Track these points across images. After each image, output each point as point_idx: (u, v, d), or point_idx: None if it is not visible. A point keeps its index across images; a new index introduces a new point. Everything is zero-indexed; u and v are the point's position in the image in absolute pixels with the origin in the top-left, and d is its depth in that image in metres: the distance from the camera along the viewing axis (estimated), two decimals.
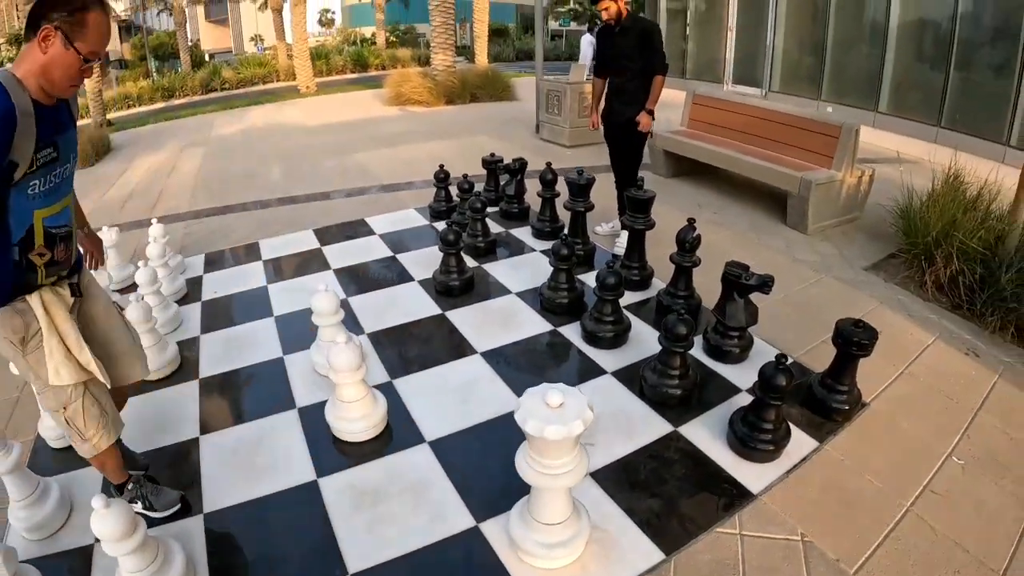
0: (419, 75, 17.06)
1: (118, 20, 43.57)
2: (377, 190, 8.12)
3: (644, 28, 5.38)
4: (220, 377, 4.04)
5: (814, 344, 4.14)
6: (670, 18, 19.37)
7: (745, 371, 3.75)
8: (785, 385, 2.94)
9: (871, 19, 13.26)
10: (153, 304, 4.39)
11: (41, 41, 2.19)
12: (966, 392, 3.81)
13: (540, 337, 4.20)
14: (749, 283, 3.61)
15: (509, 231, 5.96)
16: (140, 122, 20.54)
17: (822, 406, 3.42)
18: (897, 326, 4.53)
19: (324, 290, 3.71)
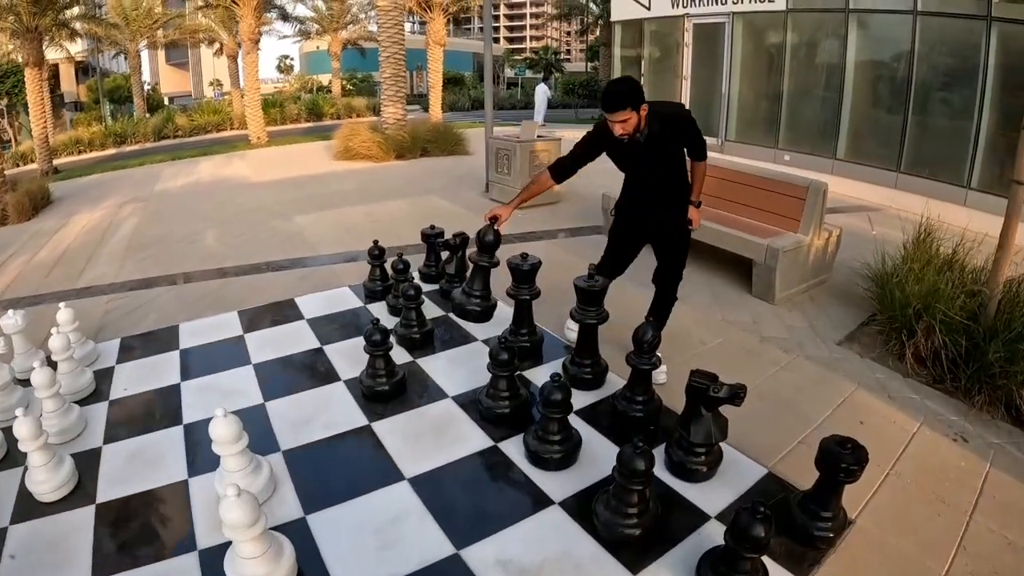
0: (369, 129, 16.63)
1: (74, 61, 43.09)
2: (313, 262, 7.62)
3: (677, 122, 4.31)
4: (118, 503, 3.40)
5: (790, 447, 3.75)
6: (624, 66, 19.49)
7: (714, 491, 3.26)
8: (764, 537, 2.46)
9: (827, 65, 13.39)
10: (51, 409, 3.85)
11: None
12: (958, 490, 3.47)
13: (478, 457, 3.62)
14: (718, 396, 3.12)
15: (449, 315, 5.36)
16: (87, 170, 20.16)
17: (803, 533, 2.93)
18: (878, 413, 4.17)
19: (222, 415, 3.13)
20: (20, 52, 22.14)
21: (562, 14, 45.67)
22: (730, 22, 15.30)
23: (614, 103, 3.94)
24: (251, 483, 3.20)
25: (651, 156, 4.30)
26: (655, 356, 3.70)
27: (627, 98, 3.92)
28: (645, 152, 4.26)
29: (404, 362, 4.53)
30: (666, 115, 4.23)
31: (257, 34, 24.52)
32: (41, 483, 3.41)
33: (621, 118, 3.96)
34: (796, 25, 13.86)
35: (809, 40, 13.82)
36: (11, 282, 8.19)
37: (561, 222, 8.95)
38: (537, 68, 49.31)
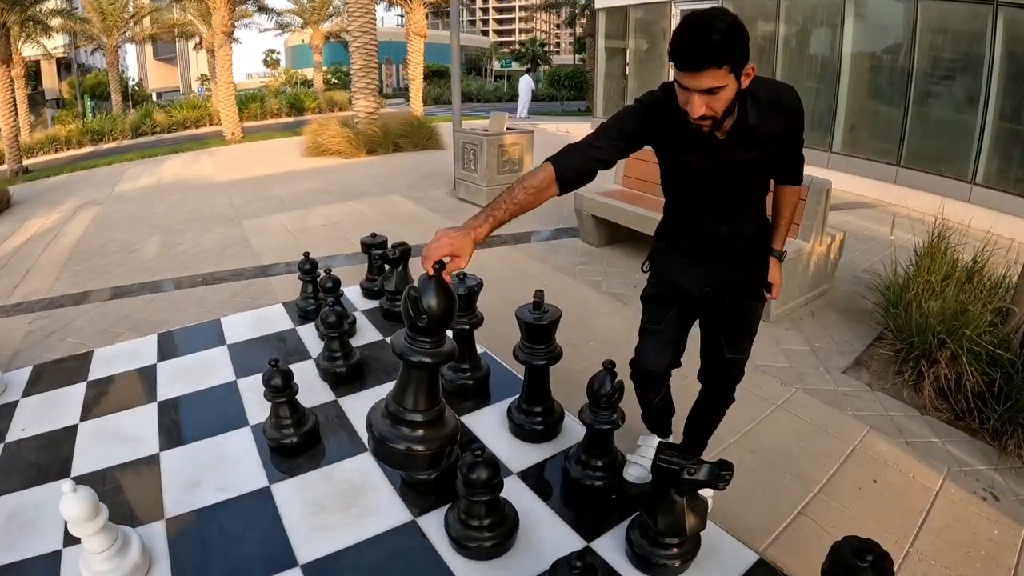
0: (339, 123, 16.14)
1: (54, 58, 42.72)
2: (251, 273, 7.00)
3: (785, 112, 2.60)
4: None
5: (788, 519, 3.06)
6: (608, 56, 19.13)
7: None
8: None
9: (821, 55, 12.99)
10: None
11: None
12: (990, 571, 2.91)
13: (392, 537, 2.83)
14: (695, 479, 2.34)
15: (387, 339, 4.56)
16: (57, 170, 19.83)
17: None
18: (894, 466, 3.55)
19: (71, 491, 2.42)
20: None
21: (548, 4, 45.35)
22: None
23: (702, 53, 2.21)
24: (117, 566, 2.53)
25: (732, 168, 2.64)
26: (617, 413, 2.91)
27: (725, 46, 2.20)
28: (724, 157, 2.61)
29: (324, 402, 3.80)
30: (769, 99, 2.54)
31: (230, 27, 24.02)
32: None
33: (708, 83, 2.25)
34: (789, 11, 13.35)
35: (803, 27, 13.37)
36: None
37: (530, 224, 8.15)
38: (524, 60, 48.84)
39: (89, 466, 3.39)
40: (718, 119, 2.38)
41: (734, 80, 2.27)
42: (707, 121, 2.36)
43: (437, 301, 2.17)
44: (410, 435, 2.48)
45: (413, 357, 2.29)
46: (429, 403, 2.47)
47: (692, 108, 2.31)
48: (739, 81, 2.30)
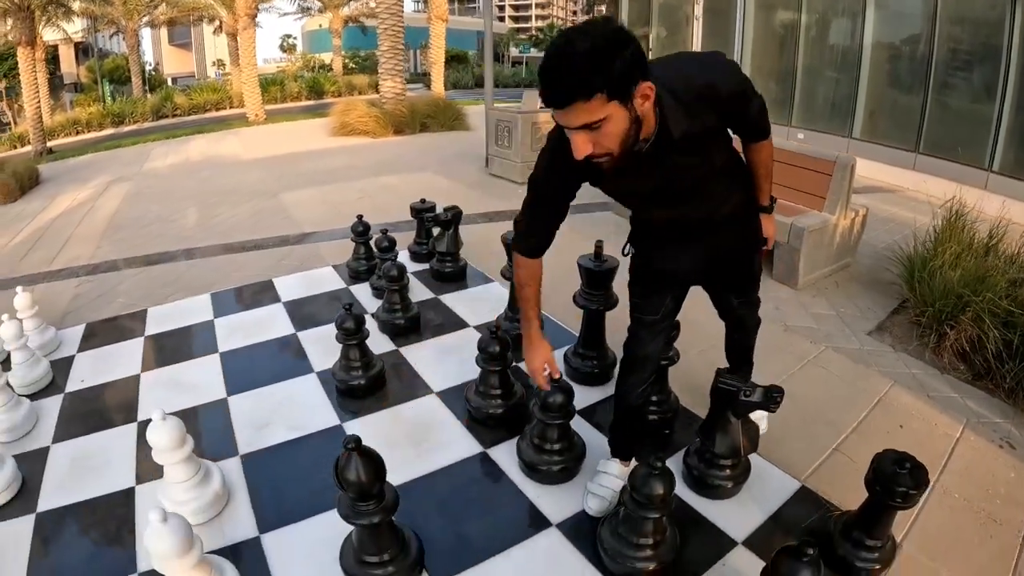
0: (366, 104, 16.21)
1: (73, 42, 42.84)
2: (296, 240, 7.12)
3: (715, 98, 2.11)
4: (60, 513, 2.96)
5: (824, 456, 3.21)
6: None
7: (741, 510, 2.75)
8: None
9: (842, 42, 12.96)
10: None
11: None
12: (1009, 507, 3.00)
13: (465, 466, 3.10)
14: (750, 400, 2.58)
15: (440, 297, 4.90)
16: (81, 151, 19.84)
17: (844, 564, 2.43)
18: (918, 416, 3.68)
19: (161, 419, 2.67)
20: (12, 32, 21.66)
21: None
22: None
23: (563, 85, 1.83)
24: (198, 496, 2.77)
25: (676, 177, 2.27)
26: (673, 351, 3.15)
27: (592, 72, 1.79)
28: (663, 172, 2.23)
29: (386, 351, 4.05)
30: (696, 94, 2.08)
31: (254, 10, 24.07)
32: None
33: (583, 119, 1.86)
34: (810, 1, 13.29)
35: (825, 14, 13.34)
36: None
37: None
38: (541, 46, 48.71)
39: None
40: (614, 154, 1.99)
41: (620, 108, 1.86)
42: (603, 159, 2.01)
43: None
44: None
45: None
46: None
47: (575, 149, 1.94)
48: (629, 107, 1.88)
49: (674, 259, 2.60)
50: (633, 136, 1.96)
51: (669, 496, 2.24)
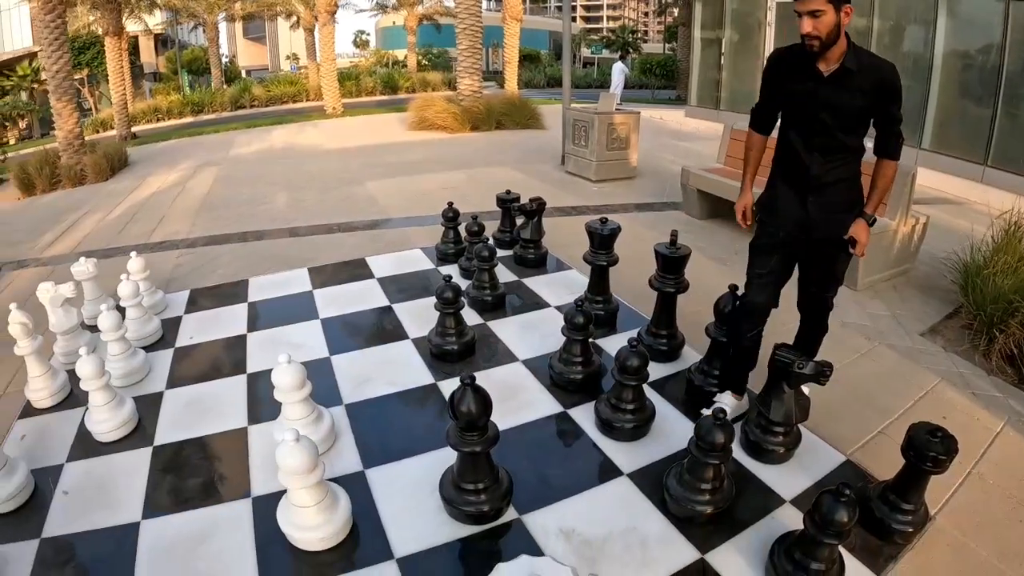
0: (444, 100, 16.71)
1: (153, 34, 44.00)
2: (384, 224, 7.60)
3: (886, 80, 3.07)
4: (176, 446, 3.43)
5: (870, 436, 3.51)
6: (704, 47, 19.09)
7: (790, 474, 3.09)
8: (847, 522, 2.31)
9: (914, 51, 12.80)
10: (116, 352, 3.92)
11: None
12: None
13: (547, 423, 3.52)
14: (802, 372, 2.94)
15: (522, 280, 5.32)
16: (164, 136, 20.61)
17: (881, 526, 2.76)
18: (961, 409, 3.90)
19: (286, 362, 3.10)
20: (100, 23, 22.55)
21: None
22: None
23: None
24: (312, 432, 3.16)
25: (840, 109, 3.07)
26: None
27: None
28: (832, 95, 3.06)
29: (474, 324, 4.44)
30: (870, 58, 3.09)
31: (334, 6, 24.69)
32: (100, 423, 3.49)
33: (812, 6, 2.89)
34: (883, 7, 13.29)
35: (896, 24, 13.25)
36: (85, 236, 8.41)
37: (636, 197, 8.76)
38: (614, 48, 48.63)
39: (265, 365, 4.17)
40: (822, 39, 2.91)
41: (833, 10, 2.86)
42: (815, 41, 2.92)
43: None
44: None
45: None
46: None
47: (802, 26, 2.93)
48: (838, 14, 2.88)
49: (785, 209, 3.30)
50: (833, 35, 2.93)
51: (728, 444, 2.63)
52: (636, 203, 8.27)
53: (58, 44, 13.90)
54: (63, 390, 3.96)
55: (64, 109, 13.95)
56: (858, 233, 3.18)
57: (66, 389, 3.97)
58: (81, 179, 13.20)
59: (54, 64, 13.94)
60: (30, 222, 9.93)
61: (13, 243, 8.53)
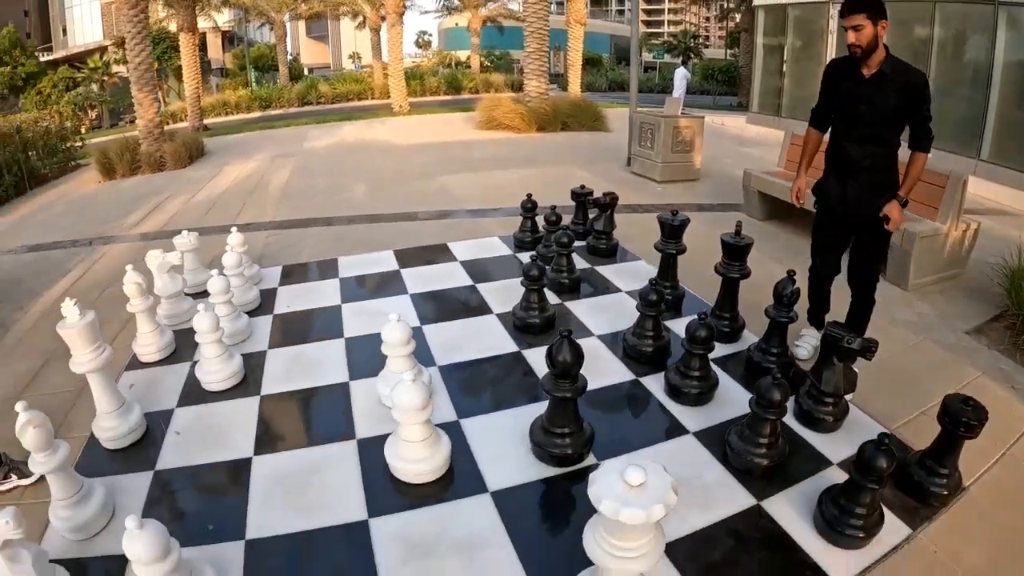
0: (511, 101, 17.16)
1: (221, 31, 45.04)
2: (460, 214, 8.08)
3: (910, 82, 3.77)
4: (281, 396, 3.94)
5: (911, 416, 3.84)
6: (766, 53, 19.06)
7: (837, 442, 3.46)
8: (886, 468, 2.67)
9: (974, 61, 12.67)
10: (223, 314, 4.38)
11: None
12: None
13: (620, 387, 3.96)
14: (851, 347, 3.33)
15: (595, 268, 5.76)
16: (235, 129, 21.41)
17: (919, 489, 3.10)
18: (1000, 399, 4.15)
19: (396, 320, 3.58)
20: (174, 19, 23.37)
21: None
22: None
23: (851, 3, 3.69)
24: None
25: (875, 106, 3.81)
26: (793, 312, 3.93)
27: (866, 3, 3.65)
28: (870, 95, 3.81)
29: (553, 304, 4.86)
30: (903, 66, 3.80)
31: (401, 8, 25.28)
32: (211, 373, 4.01)
33: (855, 22, 3.65)
34: (943, 17, 13.34)
35: (955, 33, 13.32)
36: (172, 217, 9.09)
37: (698, 197, 9.10)
38: (675, 52, 48.61)
39: (362, 331, 4.71)
40: (863, 48, 3.69)
41: (871, 24, 3.63)
42: (857, 49, 3.71)
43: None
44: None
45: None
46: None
47: (847, 37, 3.73)
48: (876, 27, 3.65)
49: (833, 189, 4.14)
50: (872, 44, 3.69)
51: (784, 402, 3.05)
52: (698, 203, 8.60)
53: (140, 38, 14.61)
54: (169, 347, 4.50)
55: (145, 99, 14.65)
56: (890, 210, 3.87)
57: (172, 346, 4.51)
58: (160, 166, 13.97)
59: (136, 56, 14.66)
60: (115, 203, 10.70)
61: (102, 221, 9.27)
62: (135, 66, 14.71)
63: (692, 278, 5.23)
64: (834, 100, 4.09)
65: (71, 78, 39.11)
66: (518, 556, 2.71)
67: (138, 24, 14.57)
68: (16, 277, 7.02)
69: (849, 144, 4.00)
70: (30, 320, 5.73)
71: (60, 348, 4.74)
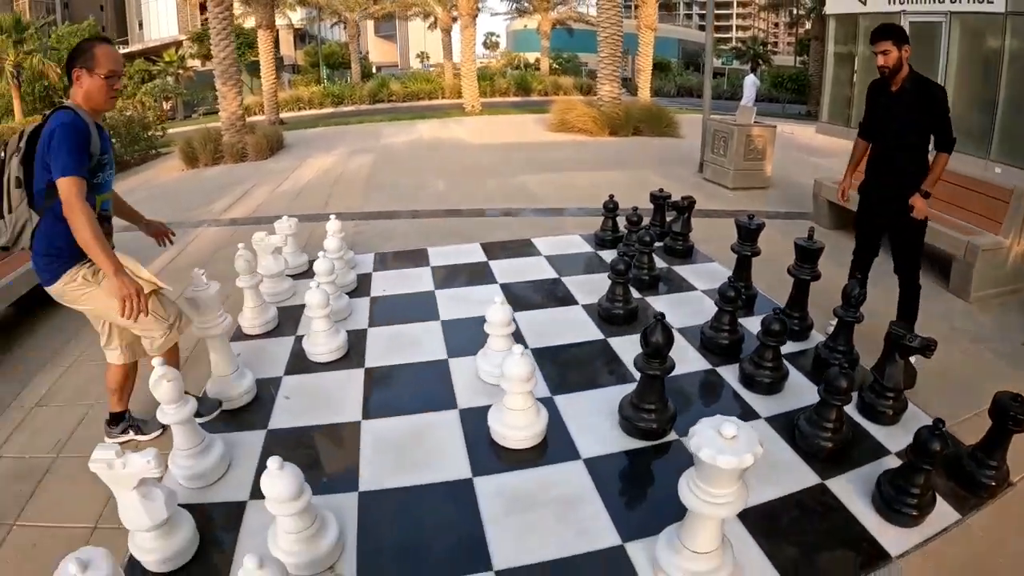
0: (584, 104, 17.49)
1: (293, 29, 45.97)
2: (539, 213, 8.56)
3: (928, 94, 4.61)
4: (385, 369, 4.38)
5: (966, 417, 4.12)
6: (837, 63, 19.03)
7: (896, 435, 3.73)
8: (939, 450, 2.96)
9: None
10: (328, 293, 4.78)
11: (76, 80, 3.42)
12: None
13: (698, 374, 4.33)
14: (911, 345, 3.64)
15: (672, 267, 6.11)
16: (309, 124, 22.13)
17: (970, 479, 3.38)
18: None
19: (500, 302, 4.02)
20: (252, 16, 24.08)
21: (772, 4, 44.18)
22: (947, 22, 14.75)
23: (879, 32, 4.61)
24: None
25: (901, 116, 4.71)
26: (860, 312, 4.26)
27: (892, 32, 4.58)
28: (897, 107, 4.72)
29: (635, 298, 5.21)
30: (923, 81, 4.69)
31: (475, 10, 25.72)
32: (319, 345, 4.47)
33: (883, 47, 4.55)
34: (1016, 29, 13.29)
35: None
36: (260, 204, 9.74)
37: (769, 205, 9.34)
38: (744, 59, 48.31)
39: (456, 316, 5.17)
40: (890, 68, 4.58)
41: (897, 49, 4.53)
42: (884, 69, 4.61)
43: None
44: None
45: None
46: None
47: (878, 60, 4.61)
48: (900, 51, 4.54)
49: (870, 187, 5.06)
50: (897, 65, 4.58)
51: (849, 390, 3.39)
52: (768, 211, 8.86)
53: (225, 34, 15.37)
54: (272, 321, 5.01)
55: (229, 92, 15.39)
56: (914, 201, 4.71)
57: (275, 321, 5.03)
58: (242, 156, 14.74)
59: (221, 51, 15.42)
60: (201, 190, 11.43)
61: (190, 207, 9.94)
62: (219, 61, 15.45)
63: (762, 280, 5.56)
64: (872, 114, 5.00)
65: (147, 71, 40.43)
66: (609, 513, 3.08)
67: (223, 21, 15.34)
68: None
69: (884, 149, 4.94)
70: None
71: None
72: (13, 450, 4.19)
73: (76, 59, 3.40)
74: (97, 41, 3.47)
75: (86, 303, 3.58)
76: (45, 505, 3.67)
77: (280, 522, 2.68)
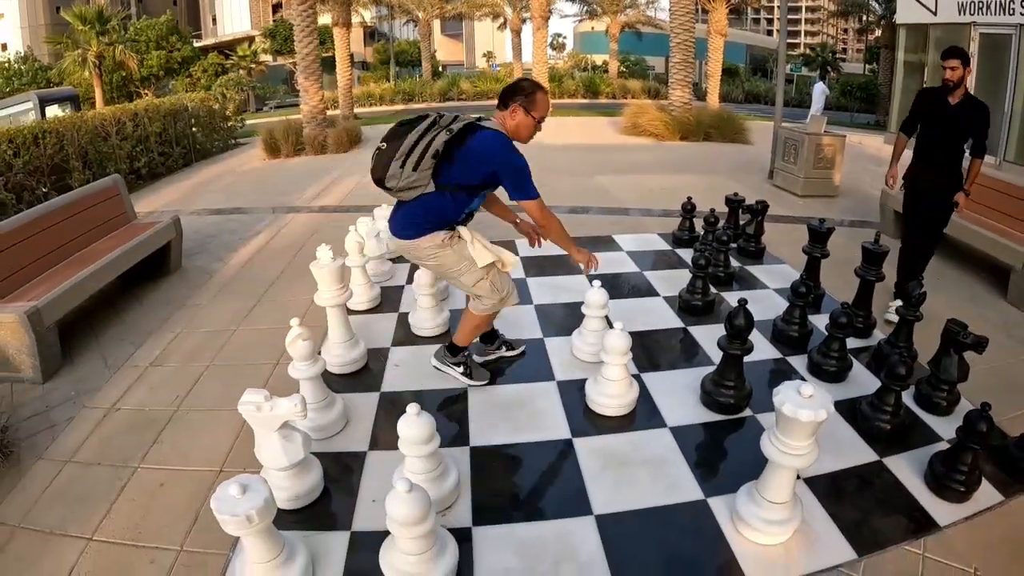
0: (656, 108, 17.76)
1: (364, 26, 46.66)
2: (618, 212, 8.98)
3: (980, 110, 5.43)
4: None
5: (1015, 414, 4.36)
6: (907, 71, 18.80)
7: (949, 425, 4.00)
8: (986, 431, 3.31)
9: None
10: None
11: (511, 113, 3.87)
12: None
13: (769, 362, 4.79)
14: (965, 341, 4.00)
15: (744, 266, 6.55)
16: (382, 119, 22.53)
17: (1014, 467, 3.71)
18: None
19: (598, 286, 4.60)
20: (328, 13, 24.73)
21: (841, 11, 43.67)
22: (1018, 34, 14.58)
23: (950, 51, 5.33)
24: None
25: (954, 123, 5.42)
26: (920, 312, 4.63)
27: (960, 53, 5.30)
28: (955, 118, 5.40)
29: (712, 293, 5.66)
30: (976, 100, 5.48)
31: (547, 12, 26.08)
32: (424, 320, 5.07)
33: (953, 64, 5.27)
34: None
35: None
36: (348, 193, 10.44)
37: (837, 213, 9.49)
38: (813, 66, 47.69)
39: (548, 300, 5.73)
40: (954, 83, 5.29)
41: (963, 67, 5.26)
42: (950, 82, 5.30)
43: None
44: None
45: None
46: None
47: (945, 74, 5.34)
48: (965, 70, 5.28)
49: (917, 178, 5.74)
50: (960, 81, 5.30)
51: (908, 377, 3.82)
52: (836, 219, 9.00)
53: (308, 31, 15.93)
54: (376, 299, 5.61)
55: (311, 87, 15.98)
56: (958, 198, 5.44)
57: (379, 298, 5.62)
58: (323, 149, 15.33)
59: (304, 48, 15.97)
60: (287, 180, 12.10)
61: (281, 193, 10.61)
62: (302, 56, 16.01)
63: (828, 282, 5.94)
64: (923, 117, 5.67)
65: (220, 64, 41.48)
66: (692, 472, 3.58)
67: (307, 18, 15.92)
68: (207, 234, 8.30)
69: (933, 148, 5.59)
70: (232, 269, 6.93)
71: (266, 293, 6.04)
72: (132, 403, 4.56)
73: (517, 95, 3.87)
74: (539, 88, 3.98)
75: (434, 260, 4.06)
76: (169, 451, 4.00)
77: (409, 463, 3.12)
